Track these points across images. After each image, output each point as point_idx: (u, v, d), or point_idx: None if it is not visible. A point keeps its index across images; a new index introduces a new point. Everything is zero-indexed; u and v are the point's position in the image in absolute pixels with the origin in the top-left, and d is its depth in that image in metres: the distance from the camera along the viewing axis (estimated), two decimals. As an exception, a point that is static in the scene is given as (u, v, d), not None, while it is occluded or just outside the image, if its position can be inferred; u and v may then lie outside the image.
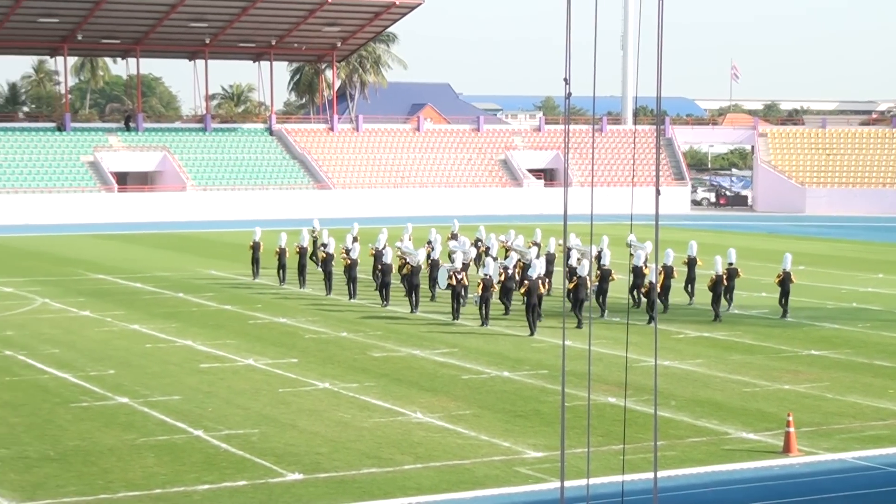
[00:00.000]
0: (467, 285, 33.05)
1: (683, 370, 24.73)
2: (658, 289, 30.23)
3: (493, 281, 30.69)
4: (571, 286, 29.46)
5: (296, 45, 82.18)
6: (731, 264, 32.74)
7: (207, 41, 78.85)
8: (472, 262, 36.97)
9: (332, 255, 36.99)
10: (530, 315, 29.13)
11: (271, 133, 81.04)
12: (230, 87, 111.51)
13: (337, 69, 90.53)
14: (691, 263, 34.50)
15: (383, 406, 21.22)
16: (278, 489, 16.27)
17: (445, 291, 33.51)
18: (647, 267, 32.25)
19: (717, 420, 20.28)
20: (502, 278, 31.34)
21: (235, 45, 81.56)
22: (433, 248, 36.93)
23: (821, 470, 17.50)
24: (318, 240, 41.17)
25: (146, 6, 72.86)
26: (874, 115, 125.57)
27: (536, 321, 29.22)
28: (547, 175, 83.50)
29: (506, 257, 33.85)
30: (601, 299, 32.00)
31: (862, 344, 28.18)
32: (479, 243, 40.77)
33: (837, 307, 34.52)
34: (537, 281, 29.39)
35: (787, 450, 18.16)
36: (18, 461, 17.55)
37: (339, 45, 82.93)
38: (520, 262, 34.35)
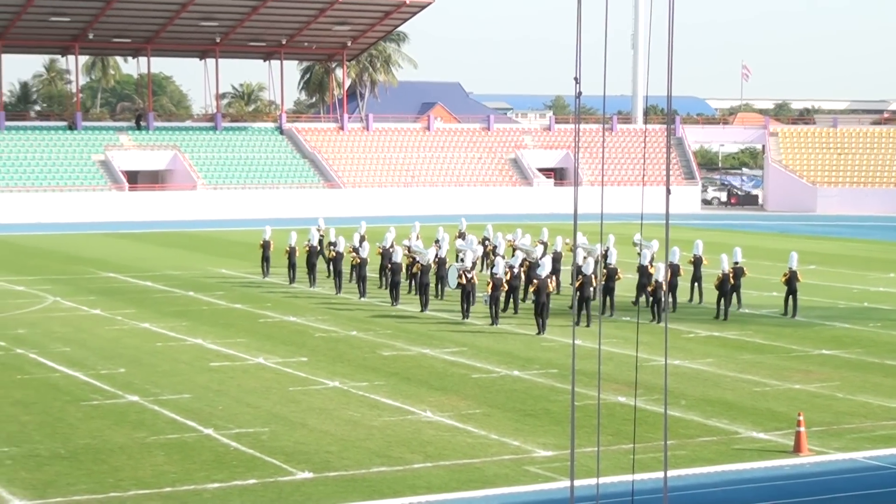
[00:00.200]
0: (476, 283, 33.05)
1: (694, 369, 24.69)
2: (665, 288, 30.27)
3: (502, 280, 30.68)
4: (577, 285, 29.52)
5: (306, 44, 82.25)
6: (736, 263, 32.67)
7: (218, 40, 78.95)
8: (478, 261, 36.97)
9: (341, 253, 37.01)
10: (540, 314, 29.10)
11: (281, 132, 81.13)
12: (241, 86, 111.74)
13: (347, 68, 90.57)
14: (697, 262, 34.45)
15: (393, 405, 21.23)
16: (288, 488, 16.28)
17: (453, 290, 33.53)
18: (652, 266, 32.20)
19: (727, 419, 20.24)
20: (508, 277, 31.33)
21: (246, 45, 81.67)
22: (440, 247, 36.97)
23: (831, 470, 17.46)
24: (323, 238, 41.18)
25: (157, 5, 73.00)
26: (886, 115, 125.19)
27: (546, 320, 29.19)
28: (557, 174, 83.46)
29: (513, 256, 33.85)
30: (608, 298, 31.96)
31: (873, 343, 28.11)
32: (487, 242, 40.78)
33: (848, 307, 34.44)
34: (546, 280, 29.38)
35: (797, 449, 18.13)
36: (29, 459, 17.60)
37: (349, 43, 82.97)
38: (526, 260, 34.36)
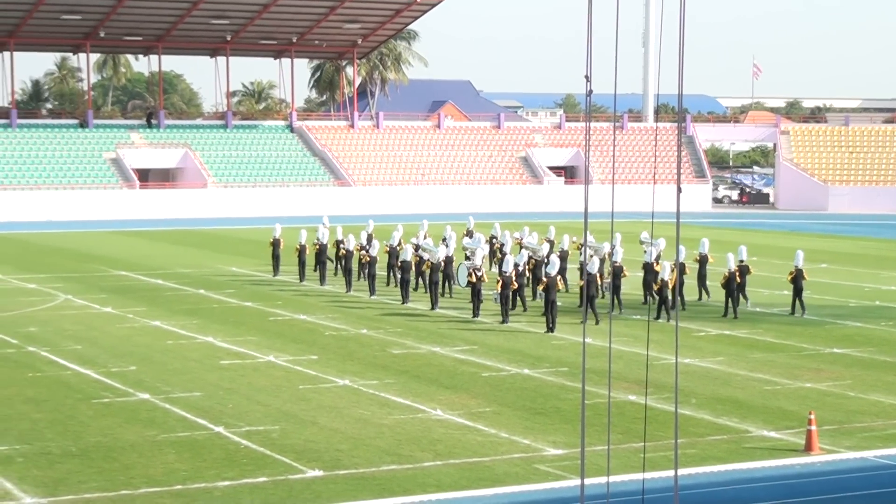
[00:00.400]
0: (486, 281, 33.05)
1: (704, 368, 24.65)
2: (670, 286, 30.39)
3: (512, 279, 30.69)
4: (581, 283, 29.62)
5: (317, 42, 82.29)
6: (742, 261, 32.62)
7: (229, 38, 79.05)
8: (485, 259, 36.97)
9: (351, 252, 37.03)
10: (549, 312, 29.11)
11: (292, 130, 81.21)
12: (251, 84, 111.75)
13: (358, 66, 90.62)
14: (703, 261, 34.42)
15: (403, 403, 21.23)
16: (298, 486, 16.30)
17: (463, 288, 33.52)
18: (658, 263, 32.18)
19: (737, 418, 20.21)
20: (514, 275, 31.34)
21: (256, 43, 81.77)
22: (447, 245, 36.98)
23: (843, 468, 17.42)
24: (329, 236, 41.10)
25: (168, 3, 73.13)
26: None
27: (556, 318, 29.19)
28: (567, 172, 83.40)
29: (519, 254, 33.89)
30: (615, 296, 31.97)
31: (884, 342, 28.02)
32: (495, 240, 40.79)
33: (860, 305, 34.35)
34: (556, 278, 29.39)
35: (808, 448, 18.09)
36: (41, 457, 17.64)
37: (359, 42, 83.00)
38: (532, 258, 34.37)
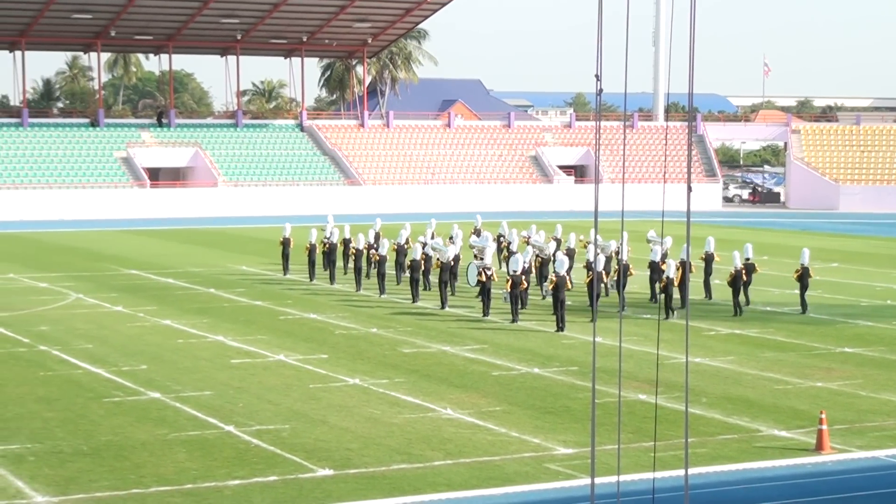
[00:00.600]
0: (496, 280, 33.04)
1: (714, 367, 24.62)
2: (675, 283, 30.42)
3: (521, 278, 30.68)
4: (587, 281, 29.57)
5: (327, 41, 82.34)
6: (748, 259, 32.56)
7: (239, 37, 79.14)
8: (494, 258, 36.99)
9: (361, 250, 37.04)
10: (559, 310, 29.10)
11: (302, 129, 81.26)
12: (261, 83, 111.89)
13: (368, 65, 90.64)
14: (708, 259, 34.38)
15: (413, 402, 21.24)
16: (308, 485, 16.32)
17: (473, 287, 33.51)
18: (664, 262, 32.18)
19: (748, 417, 20.17)
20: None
21: (267, 42, 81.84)
22: (454, 244, 37.00)
23: (854, 468, 17.38)
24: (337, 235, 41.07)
25: (179, 2, 73.25)
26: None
27: (565, 316, 29.19)
28: (577, 172, 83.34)
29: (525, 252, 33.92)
30: (621, 294, 31.99)
31: (896, 342, 27.97)
32: (502, 239, 40.79)
33: (871, 304, 34.27)
34: (566, 277, 29.39)
35: (819, 447, 18.05)
36: (52, 456, 17.69)
37: (369, 41, 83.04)
38: (538, 257, 34.28)
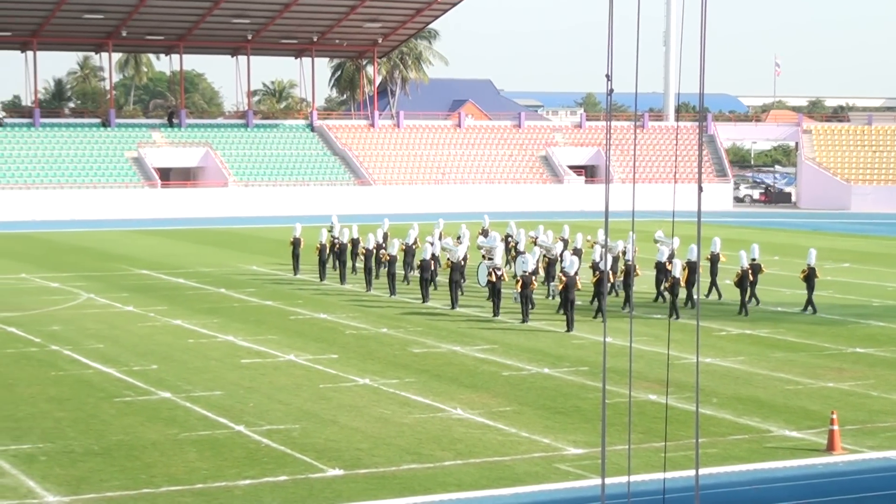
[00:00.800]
0: (506, 281, 33.06)
1: (725, 367, 24.58)
2: (682, 284, 30.47)
3: (531, 278, 30.70)
4: (594, 280, 29.75)
5: (337, 41, 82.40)
6: (753, 259, 32.50)
7: (250, 37, 79.24)
8: (503, 258, 37.02)
9: (371, 250, 37.04)
10: (569, 311, 29.09)
11: (312, 129, 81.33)
12: (272, 83, 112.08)
13: (378, 65, 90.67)
14: (714, 259, 34.32)
15: (423, 402, 21.24)
16: (319, 484, 16.33)
17: (483, 287, 33.50)
18: (670, 263, 32.18)
19: (759, 418, 20.14)
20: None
21: (277, 42, 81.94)
22: (461, 243, 37.02)
23: (865, 468, 17.33)
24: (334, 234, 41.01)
25: (189, 3, 73.35)
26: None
27: (574, 316, 29.18)
28: (588, 172, 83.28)
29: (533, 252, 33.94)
30: (627, 293, 32.02)
31: (907, 342, 27.89)
32: (510, 239, 40.77)
33: (883, 305, 34.18)
34: (575, 277, 29.40)
35: (830, 448, 18.01)
36: (63, 455, 17.72)
37: (380, 41, 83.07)
38: (545, 257, 34.22)
